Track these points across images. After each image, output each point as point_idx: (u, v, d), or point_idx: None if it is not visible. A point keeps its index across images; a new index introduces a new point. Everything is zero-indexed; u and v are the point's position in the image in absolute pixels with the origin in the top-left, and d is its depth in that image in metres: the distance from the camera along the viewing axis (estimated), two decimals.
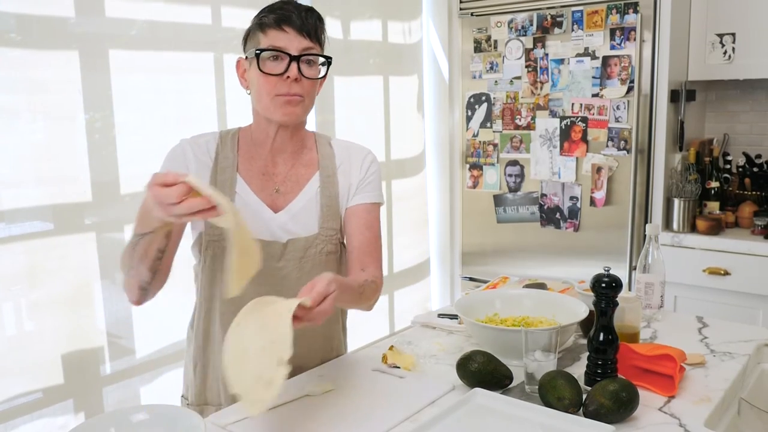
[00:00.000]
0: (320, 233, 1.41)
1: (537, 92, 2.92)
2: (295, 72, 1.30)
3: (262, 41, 1.31)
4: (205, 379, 1.44)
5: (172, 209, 1.02)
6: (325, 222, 1.42)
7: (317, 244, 1.40)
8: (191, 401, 1.46)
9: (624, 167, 2.73)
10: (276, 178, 1.41)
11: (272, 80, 1.31)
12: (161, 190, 1.02)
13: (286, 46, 1.30)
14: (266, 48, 1.30)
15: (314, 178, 1.43)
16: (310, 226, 1.40)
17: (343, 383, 1.34)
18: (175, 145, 1.41)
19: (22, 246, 1.90)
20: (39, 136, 1.92)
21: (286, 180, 1.42)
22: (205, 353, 1.43)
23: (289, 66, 1.30)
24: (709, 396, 1.25)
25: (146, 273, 1.24)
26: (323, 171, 1.44)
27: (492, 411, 1.19)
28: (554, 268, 2.95)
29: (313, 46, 1.33)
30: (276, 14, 1.31)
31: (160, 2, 2.15)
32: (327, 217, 1.42)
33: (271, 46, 1.30)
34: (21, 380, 1.92)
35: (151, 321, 2.19)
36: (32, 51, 1.87)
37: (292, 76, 1.30)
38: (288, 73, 1.30)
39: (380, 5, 3.01)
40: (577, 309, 1.48)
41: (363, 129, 3.01)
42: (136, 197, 2.14)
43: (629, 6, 2.64)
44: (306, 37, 1.31)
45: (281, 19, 1.30)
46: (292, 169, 1.43)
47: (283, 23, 1.30)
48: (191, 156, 1.38)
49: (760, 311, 2.50)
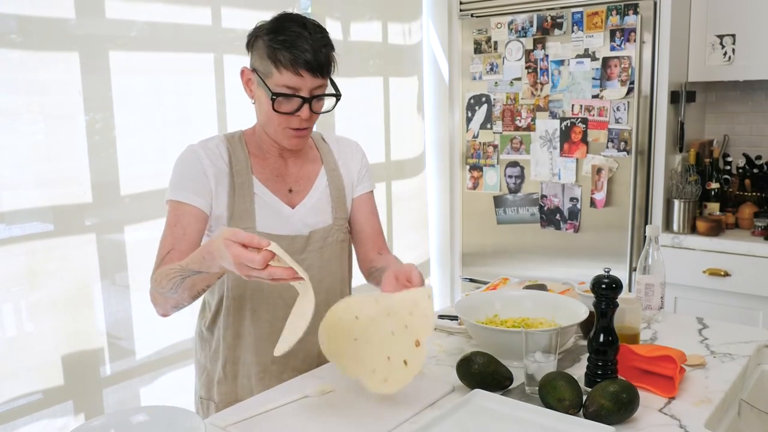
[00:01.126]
0: (334, 223, 1.49)
1: (537, 93, 2.92)
2: (307, 113, 1.34)
3: (275, 77, 1.30)
4: (236, 377, 1.45)
5: (252, 272, 1.05)
6: (336, 212, 1.50)
7: (333, 233, 1.49)
8: (218, 400, 1.46)
9: (624, 168, 2.73)
10: (288, 178, 1.46)
11: (284, 116, 1.34)
12: (245, 253, 1.04)
13: (299, 88, 1.31)
14: (281, 93, 1.31)
15: (321, 172, 1.50)
16: (324, 217, 1.48)
17: (342, 384, 1.34)
18: (185, 151, 1.41)
19: (22, 247, 1.90)
20: (39, 137, 1.92)
21: (298, 179, 1.47)
22: (236, 351, 1.45)
23: (302, 107, 1.33)
24: (709, 397, 1.24)
25: (188, 300, 1.29)
26: (327, 165, 1.52)
27: (492, 412, 1.19)
28: (554, 270, 2.95)
29: (323, 82, 1.34)
30: (292, 54, 1.28)
31: (160, 3, 2.15)
32: (337, 208, 1.51)
33: (285, 86, 1.31)
34: (21, 381, 1.92)
35: (151, 322, 2.19)
36: (33, 52, 1.88)
37: (304, 117, 1.34)
38: (300, 114, 1.33)
39: (380, 6, 3.01)
40: (577, 310, 1.48)
41: (363, 130, 3.01)
42: (136, 198, 2.14)
43: (629, 7, 2.64)
44: (319, 76, 1.32)
45: (297, 62, 1.28)
46: (302, 168, 1.48)
47: (299, 67, 1.29)
48: (207, 162, 1.38)
49: (761, 312, 2.50)
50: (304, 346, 1.42)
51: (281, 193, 1.44)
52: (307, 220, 1.45)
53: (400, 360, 1.20)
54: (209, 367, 1.48)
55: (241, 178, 1.40)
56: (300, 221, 1.44)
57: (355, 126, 2.94)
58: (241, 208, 1.38)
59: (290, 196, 1.45)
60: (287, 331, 1.14)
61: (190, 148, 1.41)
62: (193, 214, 1.36)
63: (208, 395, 1.49)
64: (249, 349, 1.43)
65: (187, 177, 1.37)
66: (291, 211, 1.43)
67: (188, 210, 1.36)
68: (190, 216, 1.36)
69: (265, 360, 1.43)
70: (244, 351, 1.45)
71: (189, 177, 1.37)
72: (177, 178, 1.38)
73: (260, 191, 1.41)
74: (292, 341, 1.10)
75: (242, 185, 1.39)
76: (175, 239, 1.34)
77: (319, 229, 1.46)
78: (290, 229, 1.42)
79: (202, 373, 1.51)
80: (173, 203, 1.37)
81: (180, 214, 1.36)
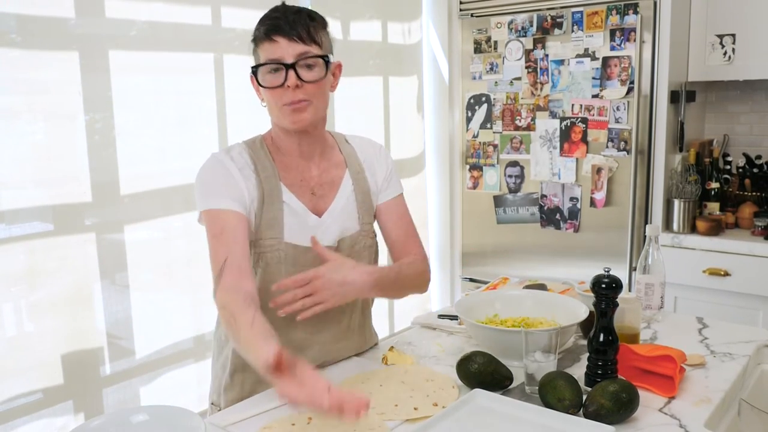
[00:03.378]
0: (362, 229, 1.45)
1: (537, 93, 2.92)
2: (293, 80, 1.28)
3: (259, 57, 1.31)
4: (244, 383, 1.42)
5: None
6: (363, 218, 1.46)
7: (360, 239, 1.45)
8: (224, 406, 1.42)
9: (624, 168, 2.73)
10: (311, 182, 1.41)
11: (275, 92, 1.30)
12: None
13: (280, 56, 1.28)
14: (261, 63, 1.29)
15: (346, 177, 1.45)
16: (351, 224, 1.44)
17: (343, 384, 1.34)
18: (209, 161, 1.37)
19: (22, 247, 1.90)
20: (39, 136, 1.92)
21: (321, 183, 1.42)
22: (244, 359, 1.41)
23: (287, 75, 1.28)
24: (709, 397, 1.24)
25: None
26: (352, 169, 1.46)
27: (492, 412, 1.19)
28: (554, 269, 2.95)
29: (308, 49, 1.29)
30: (265, 25, 1.29)
31: (160, 3, 2.15)
32: (363, 213, 1.46)
33: (267, 59, 1.29)
34: (21, 381, 1.92)
35: (151, 322, 2.19)
36: (32, 52, 1.88)
37: (291, 85, 1.28)
38: (287, 83, 1.28)
39: (380, 6, 3.01)
40: (577, 310, 1.48)
41: (363, 129, 3.00)
42: (136, 198, 2.14)
43: (629, 7, 2.64)
44: (299, 41, 1.28)
45: (270, 30, 1.28)
46: (325, 172, 1.44)
47: (272, 34, 1.27)
48: (235, 171, 1.34)
49: (760, 312, 2.50)
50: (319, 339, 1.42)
51: (306, 197, 1.39)
52: (334, 228, 1.41)
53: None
54: (220, 374, 1.46)
55: (269, 185, 1.35)
56: (327, 230, 1.40)
57: (354, 125, 2.94)
58: (269, 216, 1.34)
59: (315, 200, 1.40)
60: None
61: (213, 157, 1.37)
62: (237, 219, 1.30)
63: (218, 401, 1.47)
64: None
65: (217, 183, 1.32)
66: (318, 220, 1.39)
67: (229, 216, 1.30)
68: (234, 221, 1.30)
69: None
70: None
71: (219, 182, 1.32)
72: (207, 187, 1.33)
73: (289, 200, 1.36)
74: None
75: (271, 193, 1.35)
76: (228, 246, 1.27)
77: (346, 237, 1.42)
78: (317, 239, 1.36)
79: (214, 379, 1.49)
80: (211, 213, 1.31)
81: (223, 221, 1.30)
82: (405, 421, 1.18)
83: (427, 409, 1.20)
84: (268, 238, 1.33)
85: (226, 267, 1.26)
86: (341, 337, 1.46)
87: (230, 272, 1.25)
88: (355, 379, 1.35)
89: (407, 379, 1.34)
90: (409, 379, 1.34)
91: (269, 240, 1.34)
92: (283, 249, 1.35)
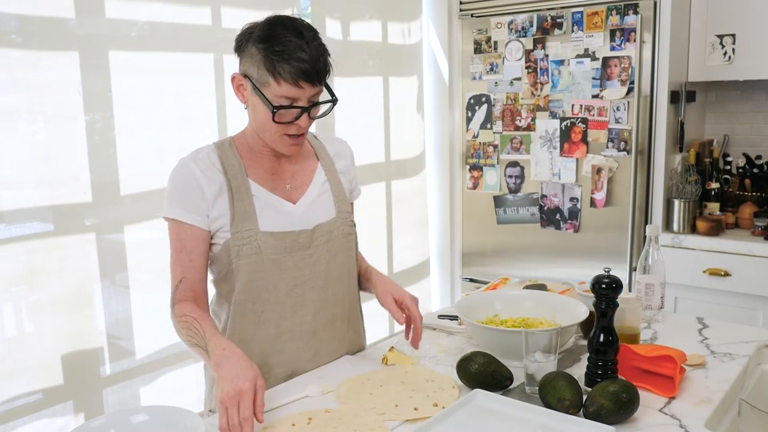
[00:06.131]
0: (338, 216, 1.49)
1: (537, 93, 2.92)
2: (306, 122, 1.34)
3: (273, 87, 1.29)
4: None
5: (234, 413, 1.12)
6: (340, 206, 1.50)
7: (338, 226, 1.48)
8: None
9: (624, 168, 2.73)
10: (284, 175, 1.46)
11: (282, 125, 1.34)
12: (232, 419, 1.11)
13: (298, 98, 1.31)
14: (281, 105, 1.31)
15: (318, 168, 1.50)
16: (328, 211, 1.48)
17: (343, 384, 1.34)
18: (177, 166, 1.40)
19: (22, 247, 1.90)
20: (39, 137, 1.92)
21: (295, 175, 1.47)
22: None
23: (301, 116, 1.33)
24: (709, 397, 1.24)
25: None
26: (323, 161, 1.52)
27: (492, 412, 1.19)
28: (554, 269, 2.95)
29: (321, 89, 1.34)
30: (291, 66, 1.27)
31: (160, 3, 2.15)
32: (339, 201, 1.51)
33: (284, 97, 1.30)
34: (21, 381, 1.92)
35: (150, 322, 2.19)
36: (33, 52, 1.88)
37: (303, 125, 1.34)
38: (299, 122, 1.33)
39: (380, 6, 3.01)
40: (577, 310, 1.48)
41: (363, 130, 3.01)
42: (136, 198, 2.14)
43: (629, 7, 2.64)
44: (318, 85, 1.32)
45: (297, 75, 1.28)
46: (297, 164, 1.48)
47: (299, 79, 1.28)
48: (200, 174, 1.37)
49: (761, 312, 2.50)
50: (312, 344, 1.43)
51: (279, 190, 1.43)
52: (310, 214, 1.45)
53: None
54: (211, 381, 1.47)
55: (236, 181, 1.39)
56: (303, 216, 1.43)
57: (355, 126, 2.94)
58: (241, 210, 1.38)
59: (289, 192, 1.44)
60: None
61: (181, 163, 1.40)
62: (195, 237, 1.37)
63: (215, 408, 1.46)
64: (255, 353, 1.40)
65: (183, 193, 1.37)
66: (293, 207, 1.43)
67: (189, 232, 1.37)
68: (193, 240, 1.37)
69: (271, 361, 1.42)
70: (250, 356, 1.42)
71: (184, 193, 1.37)
72: (173, 195, 1.38)
73: (258, 192, 1.40)
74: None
75: (239, 188, 1.39)
76: (184, 268, 1.37)
77: (323, 223, 1.45)
78: (294, 225, 1.41)
79: (212, 386, 1.47)
80: (173, 223, 1.38)
81: (183, 237, 1.37)
82: (405, 421, 1.18)
83: (427, 410, 1.20)
84: (244, 230, 1.37)
85: (180, 288, 1.37)
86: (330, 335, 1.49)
87: (183, 293, 1.37)
88: (355, 380, 1.35)
89: (407, 379, 1.34)
90: (409, 379, 1.34)
91: (246, 232, 1.37)
92: (261, 238, 1.38)
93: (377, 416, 1.19)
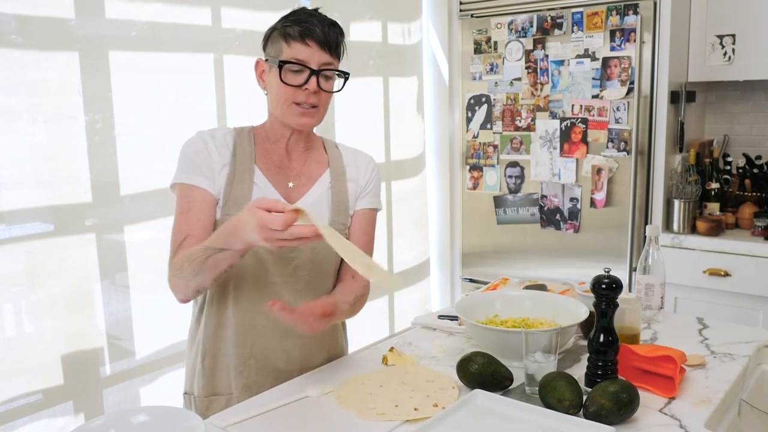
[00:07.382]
0: (331, 226, 1.43)
1: (537, 93, 2.92)
2: (314, 85, 1.35)
3: (285, 51, 1.34)
4: (215, 369, 1.44)
5: (275, 234, 1.07)
6: (335, 216, 1.47)
7: None
8: (198, 394, 1.45)
9: (624, 168, 2.73)
10: (290, 172, 1.45)
11: (291, 89, 1.35)
12: (267, 216, 1.07)
13: (307, 60, 1.33)
14: (289, 60, 1.33)
15: (325, 174, 1.48)
16: (321, 218, 1.44)
17: (343, 385, 1.34)
18: (192, 137, 1.42)
19: (22, 247, 1.90)
20: (39, 137, 1.92)
21: (300, 175, 1.46)
22: (215, 342, 1.43)
23: (309, 79, 1.34)
24: (709, 397, 1.24)
25: (209, 281, 1.29)
26: (333, 169, 1.50)
27: (492, 412, 1.19)
28: (554, 270, 2.95)
29: (332, 60, 1.37)
30: (301, 27, 1.33)
31: (160, 3, 2.15)
32: (337, 212, 1.47)
33: (294, 58, 1.33)
34: (21, 381, 1.92)
35: (150, 322, 2.19)
36: (32, 52, 1.88)
37: (312, 89, 1.35)
38: (307, 86, 1.34)
39: (380, 6, 3.01)
40: (577, 310, 1.48)
41: (363, 130, 3.01)
42: (136, 198, 2.14)
43: (629, 7, 2.64)
44: (327, 51, 1.35)
45: (305, 33, 1.33)
46: (305, 165, 1.47)
47: (307, 37, 1.33)
48: (212, 147, 1.39)
49: (761, 312, 2.50)
50: (285, 346, 1.43)
51: (281, 186, 1.43)
52: None
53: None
54: (192, 363, 1.47)
55: (243, 166, 1.40)
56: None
57: (354, 126, 2.94)
58: (237, 194, 1.37)
59: (289, 190, 1.43)
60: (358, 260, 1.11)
61: (198, 134, 1.42)
62: (205, 200, 1.36)
63: (191, 389, 1.48)
64: (230, 340, 1.41)
65: (195, 159, 1.38)
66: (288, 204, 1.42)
67: (199, 195, 1.36)
68: (202, 202, 1.36)
69: (245, 352, 1.41)
70: (224, 343, 1.42)
71: (197, 160, 1.37)
72: (185, 162, 1.38)
73: (260, 181, 1.40)
74: (378, 265, 1.12)
75: (243, 173, 1.39)
76: (190, 225, 1.35)
77: None
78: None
79: (188, 370, 1.50)
80: (183, 187, 1.37)
81: (192, 199, 1.36)
82: (405, 421, 1.18)
83: (427, 410, 1.20)
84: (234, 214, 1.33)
85: (185, 244, 1.33)
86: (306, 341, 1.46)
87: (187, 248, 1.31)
88: (355, 380, 1.35)
89: (407, 379, 1.34)
90: (409, 379, 1.34)
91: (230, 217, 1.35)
92: None
93: (377, 416, 1.19)
